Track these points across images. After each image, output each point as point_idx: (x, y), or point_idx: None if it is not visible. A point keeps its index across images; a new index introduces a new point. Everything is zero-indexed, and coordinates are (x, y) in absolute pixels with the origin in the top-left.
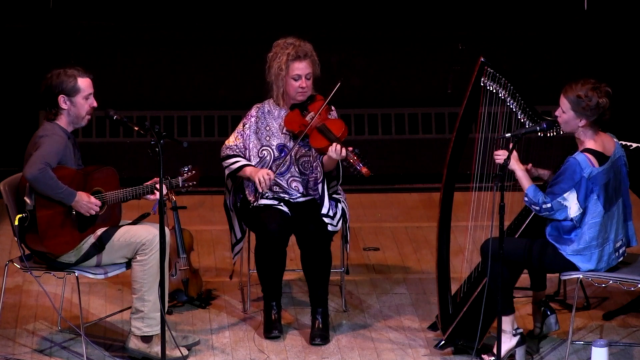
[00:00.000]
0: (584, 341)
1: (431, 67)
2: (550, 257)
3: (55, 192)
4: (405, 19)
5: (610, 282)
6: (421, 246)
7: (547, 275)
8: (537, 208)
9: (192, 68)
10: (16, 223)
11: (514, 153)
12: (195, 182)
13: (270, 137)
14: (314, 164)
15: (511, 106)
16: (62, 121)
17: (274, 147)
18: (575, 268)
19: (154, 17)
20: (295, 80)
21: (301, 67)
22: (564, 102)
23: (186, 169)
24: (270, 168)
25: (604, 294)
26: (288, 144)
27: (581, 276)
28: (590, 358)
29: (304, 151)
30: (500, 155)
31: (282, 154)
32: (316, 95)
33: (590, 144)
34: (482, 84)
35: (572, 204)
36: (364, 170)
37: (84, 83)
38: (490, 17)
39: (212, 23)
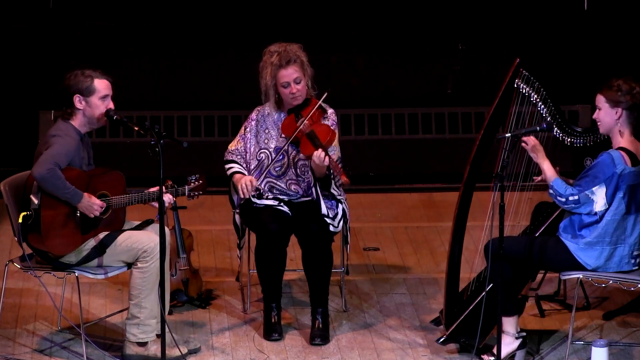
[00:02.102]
0: (584, 341)
1: (431, 67)
2: (553, 253)
3: (62, 192)
4: (405, 19)
5: (610, 282)
6: (421, 246)
7: (548, 275)
8: (563, 200)
9: (192, 68)
10: (20, 220)
11: (539, 145)
12: (201, 192)
13: (268, 140)
14: (309, 168)
15: (541, 111)
16: (77, 121)
17: (271, 150)
18: (578, 266)
19: (154, 17)
20: (285, 87)
21: (288, 74)
22: (599, 98)
23: (193, 178)
24: (268, 170)
25: (604, 294)
26: (285, 147)
27: (581, 276)
28: (590, 358)
29: (301, 155)
30: (529, 142)
31: (281, 158)
32: (312, 99)
33: (625, 143)
34: (515, 85)
35: (599, 198)
36: (344, 178)
37: (100, 84)
38: (491, 17)
39: (212, 23)
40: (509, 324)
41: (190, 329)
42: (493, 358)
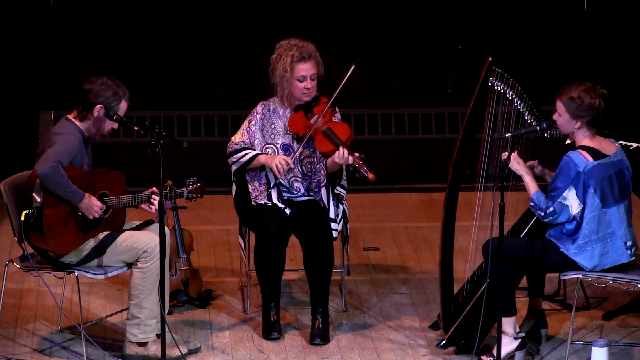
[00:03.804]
0: (584, 341)
1: (431, 67)
2: (552, 256)
3: (64, 190)
4: (405, 19)
5: (610, 282)
6: (421, 246)
7: (547, 275)
8: (542, 214)
9: (192, 68)
10: (22, 218)
11: (519, 158)
12: (199, 195)
13: (275, 136)
14: (318, 166)
15: (518, 107)
16: (83, 125)
17: (278, 146)
18: (577, 268)
19: (154, 17)
20: (300, 81)
21: (306, 68)
22: (559, 105)
23: (191, 181)
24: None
25: (604, 294)
26: (292, 144)
27: (581, 276)
28: (590, 358)
29: (308, 152)
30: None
31: (286, 152)
32: (321, 97)
33: (585, 142)
34: (489, 84)
35: (572, 201)
36: (371, 175)
37: (124, 107)
38: (491, 17)
39: (212, 23)
40: (508, 325)
41: (190, 329)
42: (492, 359)
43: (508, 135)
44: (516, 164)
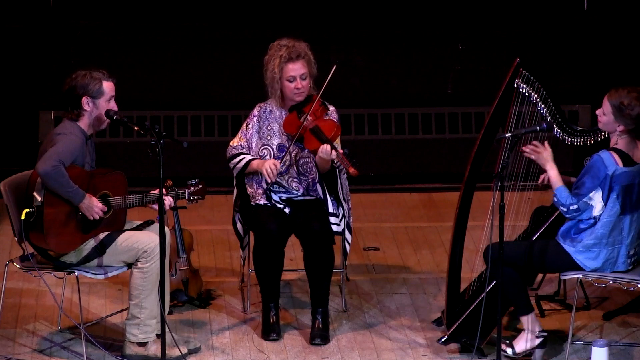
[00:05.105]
0: (584, 341)
1: (431, 67)
2: (553, 256)
3: (65, 190)
4: (406, 19)
5: (610, 282)
6: (421, 246)
7: (547, 275)
8: (565, 210)
9: (192, 68)
10: (22, 217)
11: (550, 151)
12: (201, 197)
13: (271, 137)
14: (312, 165)
15: (541, 111)
16: (83, 122)
17: (274, 147)
18: (577, 268)
19: (154, 17)
20: (290, 81)
21: (295, 68)
22: (607, 105)
23: (193, 182)
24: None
25: (604, 294)
26: (287, 145)
27: (581, 276)
28: (590, 358)
29: (303, 153)
30: (534, 150)
31: (282, 153)
32: (313, 96)
33: (620, 144)
34: (515, 85)
35: (597, 202)
36: (352, 170)
37: (108, 86)
38: (491, 17)
39: (212, 23)
40: (529, 322)
41: (190, 329)
42: (510, 349)
43: (508, 135)
44: (542, 158)
